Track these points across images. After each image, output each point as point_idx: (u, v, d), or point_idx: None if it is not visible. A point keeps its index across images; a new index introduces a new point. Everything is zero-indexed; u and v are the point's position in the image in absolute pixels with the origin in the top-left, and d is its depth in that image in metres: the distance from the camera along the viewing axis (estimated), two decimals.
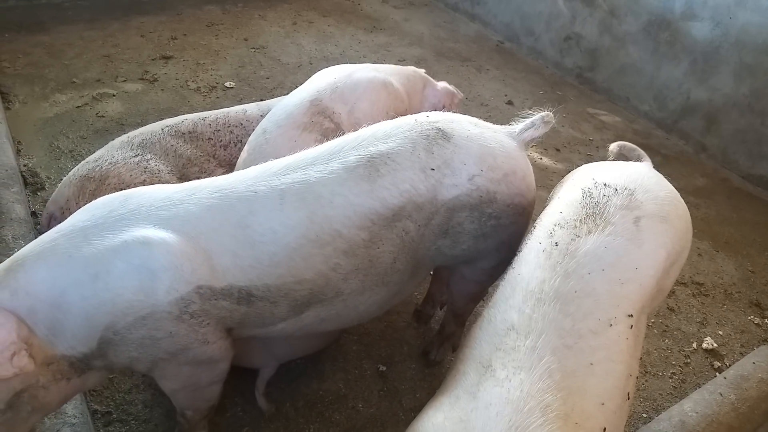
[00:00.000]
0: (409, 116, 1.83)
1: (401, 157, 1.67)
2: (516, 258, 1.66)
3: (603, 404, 1.34)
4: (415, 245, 1.73)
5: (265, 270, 1.55)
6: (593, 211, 1.63)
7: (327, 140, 2.24)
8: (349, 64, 2.62)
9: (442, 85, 2.90)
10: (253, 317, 1.63)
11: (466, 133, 1.76)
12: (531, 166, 1.92)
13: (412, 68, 2.85)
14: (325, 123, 2.27)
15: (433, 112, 1.88)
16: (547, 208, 1.79)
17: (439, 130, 1.74)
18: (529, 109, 2.01)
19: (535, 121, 1.91)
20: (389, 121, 1.82)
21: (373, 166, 1.64)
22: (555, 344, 1.37)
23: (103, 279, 1.43)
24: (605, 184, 1.71)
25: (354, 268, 1.65)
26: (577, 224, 1.61)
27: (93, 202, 1.63)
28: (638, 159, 2.07)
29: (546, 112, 1.93)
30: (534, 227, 1.73)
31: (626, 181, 1.72)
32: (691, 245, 3.20)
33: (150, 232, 1.47)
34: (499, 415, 1.24)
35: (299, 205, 1.58)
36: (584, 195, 1.70)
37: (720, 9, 3.88)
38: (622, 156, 2.13)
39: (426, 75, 2.89)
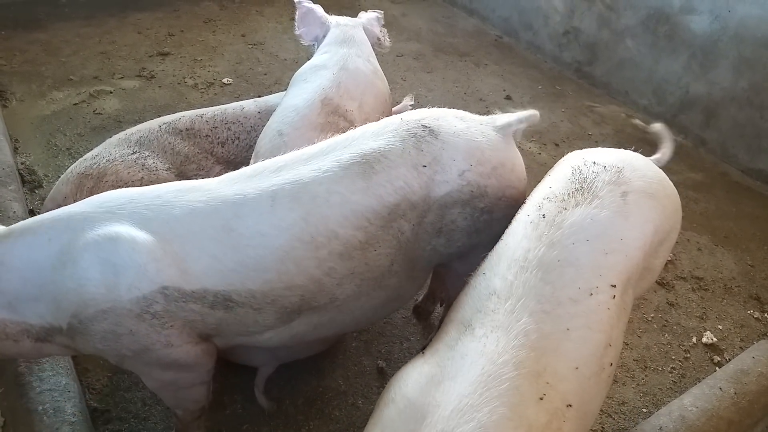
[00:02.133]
0: (395, 116, 1.83)
1: (393, 155, 1.65)
2: (506, 230, 1.69)
3: (577, 368, 1.38)
4: (411, 246, 1.72)
5: (249, 275, 1.52)
6: (581, 186, 1.67)
7: None
8: (328, 55, 2.62)
9: (367, 17, 2.92)
10: (234, 324, 1.60)
11: (452, 129, 1.75)
12: (520, 156, 1.92)
13: (351, 24, 2.80)
14: (340, 122, 2.27)
15: (419, 110, 1.88)
16: (538, 186, 1.83)
17: (426, 127, 1.73)
18: (528, 104, 2.02)
19: (522, 117, 1.90)
20: (375, 122, 1.81)
21: (368, 163, 1.62)
22: (533, 308, 1.42)
23: (70, 268, 1.47)
24: (594, 162, 1.75)
25: (349, 272, 1.62)
26: (565, 198, 1.64)
27: (100, 194, 1.65)
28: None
29: (534, 111, 1.94)
30: (525, 203, 1.76)
31: (615, 160, 1.76)
32: (690, 240, 3.22)
33: (123, 229, 1.49)
34: (474, 363, 1.32)
35: (293, 206, 1.55)
36: (574, 172, 1.74)
37: (719, 2, 3.86)
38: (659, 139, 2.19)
39: (353, 19, 2.88)
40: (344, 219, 1.57)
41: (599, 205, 1.60)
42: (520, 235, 1.60)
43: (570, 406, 1.34)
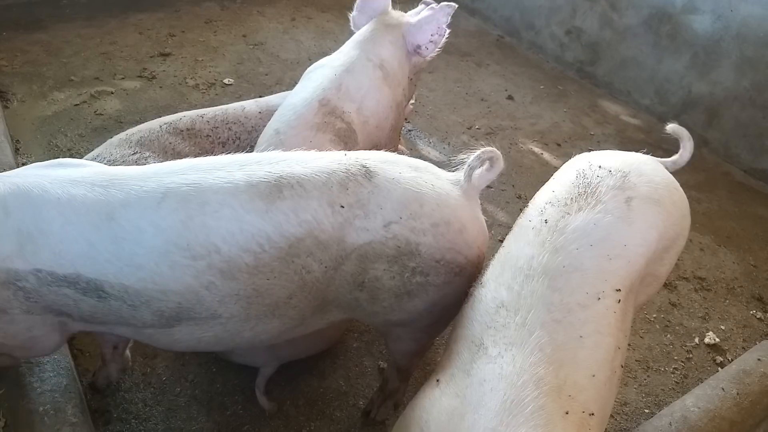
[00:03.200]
0: (343, 152, 1.70)
1: (310, 185, 1.52)
2: (507, 236, 1.66)
3: (594, 376, 1.37)
4: (324, 287, 1.58)
5: (123, 269, 1.45)
6: (585, 191, 1.64)
7: (340, 140, 2.24)
8: (340, 54, 2.58)
9: (422, 17, 2.64)
10: (110, 314, 1.54)
11: (393, 175, 1.60)
12: (481, 220, 1.75)
13: (386, 24, 2.63)
14: (337, 123, 2.26)
15: (376, 152, 1.72)
16: (541, 189, 1.79)
17: (364, 167, 1.59)
18: (530, 104, 1.97)
19: (474, 163, 1.70)
20: (325, 152, 1.69)
21: (278, 186, 1.50)
22: (544, 319, 1.39)
23: None
24: (600, 166, 1.71)
25: (233, 292, 1.49)
26: (568, 202, 1.62)
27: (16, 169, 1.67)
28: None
29: (487, 149, 1.71)
30: (527, 207, 1.73)
31: (621, 164, 1.72)
32: (693, 240, 3.21)
33: (12, 199, 1.47)
34: (494, 390, 1.27)
35: (178, 208, 1.46)
36: (578, 176, 1.70)
37: (721, 2, 3.85)
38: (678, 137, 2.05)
39: (400, 18, 2.68)
40: (230, 235, 1.45)
41: (603, 210, 1.57)
42: (522, 241, 1.57)
43: (593, 414, 1.32)
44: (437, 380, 1.39)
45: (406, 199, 1.57)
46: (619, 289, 1.49)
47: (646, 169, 1.74)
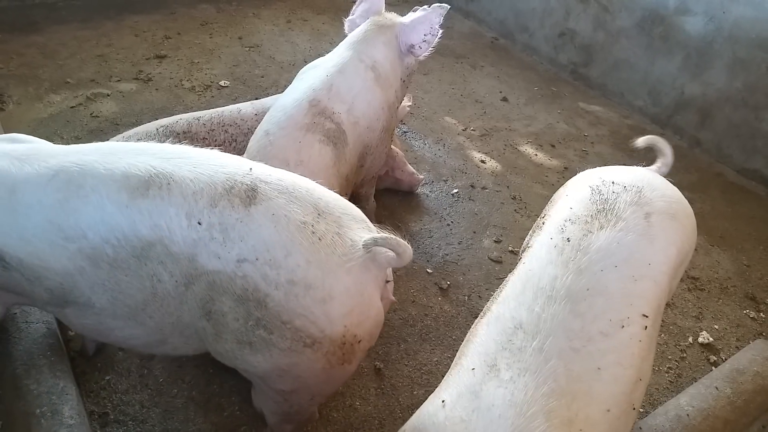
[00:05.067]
0: (252, 166, 1.56)
1: (178, 190, 1.44)
2: (526, 253, 1.63)
3: (608, 411, 1.32)
4: (177, 304, 1.51)
5: (18, 242, 1.48)
6: (603, 207, 1.62)
7: (330, 140, 2.25)
8: (333, 55, 2.59)
9: (415, 18, 2.65)
10: (17, 286, 1.58)
11: (278, 211, 1.44)
12: (368, 301, 1.53)
13: (379, 25, 2.63)
14: (326, 123, 2.27)
15: (292, 179, 1.57)
16: (555, 205, 1.76)
17: (253, 190, 1.46)
18: (524, 105, 1.96)
19: (381, 241, 1.49)
20: (237, 161, 1.59)
21: (148, 182, 1.45)
22: (562, 346, 1.34)
23: None
24: (613, 182, 1.69)
25: (100, 281, 1.49)
26: (589, 220, 1.59)
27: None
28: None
29: (400, 242, 1.50)
30: (543, 223, 1.70)
31: (633, 179, 1.71)
32: None
33: None
34: (502, 417, 1.22)
35: (60, 187, 1.47)
36: (593, 192, 1.68)
37: (713, 3, 3.88)
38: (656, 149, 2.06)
39: (393, 19, 2.69)
40: (95, 223, 1.44)
41: (624, 227, 1.55)
42: (544, 260, 1.52)
43: None
44: (443, 401, 1.32)
45: (273, 242, 1.42)
46: (647, 315, 1.44)
47: (656, 183, 1.72)
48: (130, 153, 1.53)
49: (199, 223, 1.42)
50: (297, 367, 1.52)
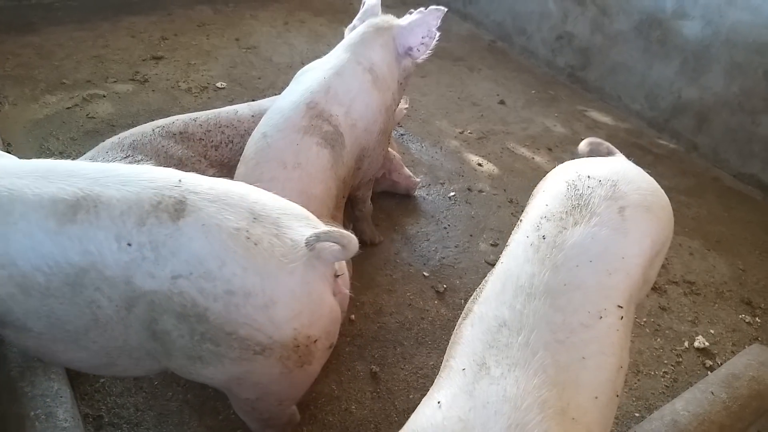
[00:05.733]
0: (181, 177, 1.52)
1: (106, 213, 1.40)
2: (504, 252, 1.65)
3: (596, 398, 1.36)
4: (120, 329, 1.47)
5: None
6: (578, 203, 1.64)
7: (327, 143, 2.25)
8: (331, 57, 2.59)
9: (413, 19, 2.64)
10: None
11: (209, 221, 1.40)
12: (318, 299, 1.50)
13: (376, 27, 2.62)
14: (324, 126, 2.27)
15: (220, 185, 1.54)
16: (533, 201, 1.78)
17: (181, 202, 1.42)
18: (522, 108, 1.96)
19: (323, 236, 1.47)
20: (163, 173, 1.53)
21: (75, 207, 1.41)
22: (547, 339, 1.38)
23: None
24: (589, 176, 1.72)
25: (32, 309, 1.44)
26: (564, 216, 1.62)
27: None
28: (608, 153, 2.09)
29: (344, 234, 1.49)
30: (521, 221, 1.72)
31: (609, 173, 1.73)
32: (682, 244, 3.23)
33: None
34: (498, 413, 1.25)
35: None
36: (569, 187, 1.70)
37: (710, 8, 3.89)
38: (593, 153, 2.13)
39: (390, 21, 2.68)
40: (24, 251, 1.39)
41: (598, 222, 1.58)
42: (521, 258, 1.55)
43: None
44: (438, 402, 1.34)
45: (206, 253, 1.38)
46: (621, 306, 1.49)
47: (632, 175, 1.76)
48: (63, 174, 1.48)
49: (129, 245, 1.38)
50: (252, 374, 1.50)
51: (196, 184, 1.49)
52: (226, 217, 1.42)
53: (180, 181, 1.48)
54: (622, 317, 1.49)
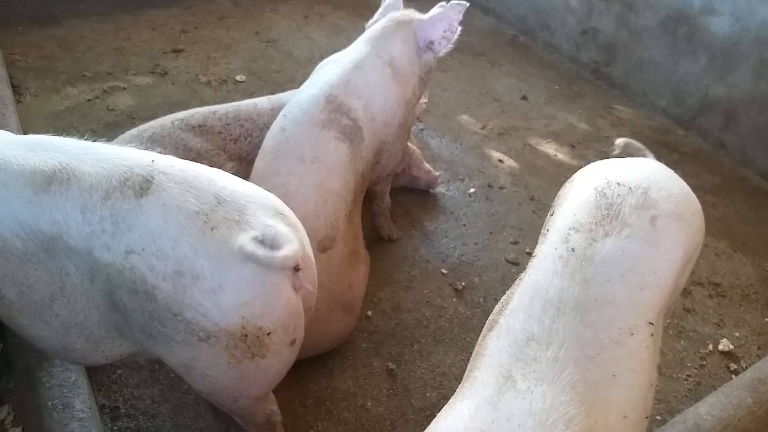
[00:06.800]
0: (154, 156, 1.55)
1: (77, 185, 1.45)
2: (531, 263, 1.60)
3: (626, 417, 1.32)
4: (83, 302, 1.51)
5: None
6: (608, 212, 1.58)
7: (346, 137, 2.23)
8: (351, 50, 2.56)
9: (433, 14, 2.61)
10: None
11: (170, 201, 1.42)
12: (260, 288, 1.43)
13: (397, 21, 2.60)
14: (342, 120, 2.25)
15: (190, 167, 1.54)
16: (560, 209, 1.72)
17: (147, 180, 1.45)
18: (544, 104, 1.91)
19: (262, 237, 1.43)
20: (139, 153, 1.57)
21: (51, 178, 1.46)
22: (577, 355, 1.34)
23: None
24: (618, 183, 1.65)
25: (9, 273, 1.48)
26: (593, 227, 1.56)
27: None
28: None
29: (291, 245, 1.43)
30: (548, 230, 1.66)
31: (639, 178, 1.66)
32: (708, 245, 3.17)
33: None
34: (522, 427, 1.21)
35: None
36: (598, 195, 1.63)
37: (740, 4, 3.79)
38: (628, 154, 2.07)
39: (412, 15, 2.66)
40: (4, 217, 1.45)
41: (629, 234, 1.52)
42: (550, 271, 1.51)
43: None
44: (461, 414, 1.32)
45: (161, 232, 1.39)
46: (652, 323, 1.45)
47: (662, 180, 1.69)
48: (48, 148, 1.53)
49: (90, 215, 1.43)
50: (198, 362, 1.49)
51: (167, 166, 1.51)
52: (188, 199, 1.43)
53: (153, 161, 1.51)
54: (652, 334, 1.44)
